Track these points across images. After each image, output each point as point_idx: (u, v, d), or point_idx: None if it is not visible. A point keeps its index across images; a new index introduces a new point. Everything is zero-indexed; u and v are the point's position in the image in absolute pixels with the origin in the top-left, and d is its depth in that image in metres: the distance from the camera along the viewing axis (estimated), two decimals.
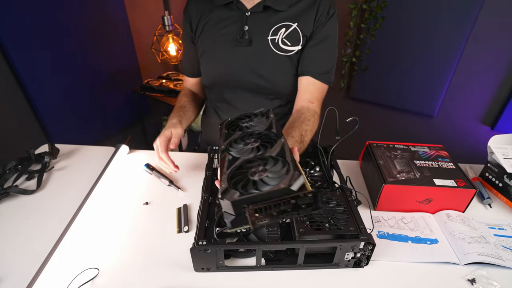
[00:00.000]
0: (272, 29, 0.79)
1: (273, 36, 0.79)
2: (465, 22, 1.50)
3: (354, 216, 0.60)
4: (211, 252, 0.55)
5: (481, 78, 1.60)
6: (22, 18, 1.35)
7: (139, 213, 0.73)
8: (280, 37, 0.79)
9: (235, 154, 0.53)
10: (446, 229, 0.69)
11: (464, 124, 1.76)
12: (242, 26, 0.80)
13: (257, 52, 0.81)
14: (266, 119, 0.62)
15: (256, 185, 0.44)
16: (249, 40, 0.80)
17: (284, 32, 0.78)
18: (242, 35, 0.80)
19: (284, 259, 0.60)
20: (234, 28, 0.81)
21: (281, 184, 0.42)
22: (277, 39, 0.79)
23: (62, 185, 0.82)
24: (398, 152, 0.82)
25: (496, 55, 1.52)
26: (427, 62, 1.68)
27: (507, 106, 1.55)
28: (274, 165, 0.47)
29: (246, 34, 0.80)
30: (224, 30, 0.82)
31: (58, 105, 1.61)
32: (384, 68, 1.82)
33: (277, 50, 0.80)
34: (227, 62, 0.84)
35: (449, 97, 1.73)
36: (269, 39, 0.79)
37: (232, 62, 0.84)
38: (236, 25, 0.81)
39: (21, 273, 0.58)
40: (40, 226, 0.69)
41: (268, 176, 0.45)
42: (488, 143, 0.84)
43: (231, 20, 0.81)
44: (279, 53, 0.80)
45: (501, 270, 0.61)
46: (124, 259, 0.62)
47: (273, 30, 0.79)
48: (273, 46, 0.80)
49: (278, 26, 0.79)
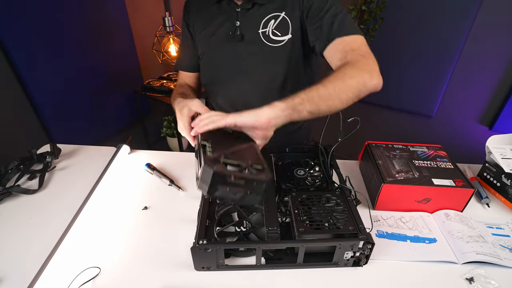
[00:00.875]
0: (262, 22, 0.80)
1: (264, 29, 0.80)
2: (463, 23, 1.51)
3: (353, 215, 0.60)
4: (211, 251, 0.55)
5: (479, 78, 1.61)
6: (23, 19, 1.36)
7: (140, 213, 0.73)
8: (270, 29, 0.79)
9: None
10: (445, 229, 0.69)
11: (462, 124, 1.77)
12: (234, 22, 0.81)
13: (249, 46, 0.82)
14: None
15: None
16: (241, 36, 0.81)
17: (274, 23, 0.79)
18: (234, 31, 0.81)
19: (284, 258, 0.61)
20: (227, 25, 0.82)
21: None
22: (267, 31, 0.80)
23: (64, 184, 0.83)
24: (397, 152, 0.83)
25: (495, 56, 1.52)
26: (426, 63, 1.69)
27: (505, 107, 1.55)
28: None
29: (238, 29, 0.81)
30: (218, 27, 0.83)
31: (59, 105, 1.61)
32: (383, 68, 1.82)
33: (268, 42, 0.80)
34: (223, 59, 0.85)
35: (448, 97, 1.73)
36: (260, 32, 0.80)
37: (227, 59, 0.85)
38: (228, 21, 0.82)
39: (23, 272, 0.58)
40: (42, 225, 0.70)
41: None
42: (486, 143, 0.84)
43: (223, 17, 0.82)
44: (270, 45, 0.81)
45: (499, 269, 0.61)
46: (125, 258, 0.62)
47: (263, 23, 0.80)
48: (264, 39, 0.80)
49: (267, 18, 0.79)
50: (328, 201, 0.64)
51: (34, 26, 1.41)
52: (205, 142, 0.55)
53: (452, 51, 1.59)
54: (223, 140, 0.60)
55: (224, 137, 0.61)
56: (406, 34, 1.67)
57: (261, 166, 0.52)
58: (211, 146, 0.54)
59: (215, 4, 0.83)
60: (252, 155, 0.56)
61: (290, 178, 0.73)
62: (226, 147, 0.55)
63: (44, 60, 1.49)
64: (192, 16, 0.87)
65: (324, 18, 0.72)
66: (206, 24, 0.85)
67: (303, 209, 0.61)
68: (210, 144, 0.54)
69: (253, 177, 0.49)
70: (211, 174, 0.46)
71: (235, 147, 0.57)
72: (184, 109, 0.67)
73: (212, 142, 0.55)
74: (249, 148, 0.59)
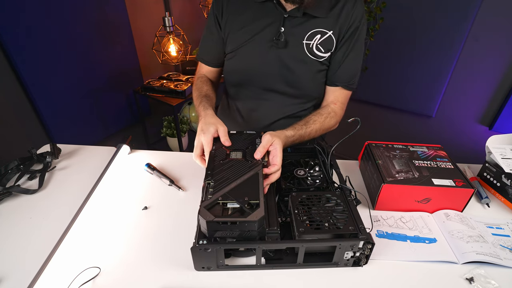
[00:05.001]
0: (307, 34, 0.78)
1: (308, 41, 0.78)
2: (463, 23, 1.51)
3: (353, 215, 0.60)
4: (211, 251, 0.55)
5: (479, 78, 1.61)
6: (23, 19, 1.36)
7: (140, 213, 0.73)
8: (315, 43, 0.78)
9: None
10: (445, 229, 0.69)
11: (462, 124, 1.77)
12: (278, 27, 0.78)
13: (292, 54, 0.80)
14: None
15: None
16: (285, 42, 0.78)
17: (320, 38, 0.78)
18: (278, 36, 0.78)
19: (284, 258, 0.61)
20: (270, 29, 0.79)
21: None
22: (311, 44, 0.78)
23: (64, 184, 0.83)
24: (397, 152, 0.83)
25: (494, 56, 1.52)
26: (426, 63, 1.69)
27: (505, 106, 1.56)
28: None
29: (283, 36, 0.78)
30: (260, 29, 0.80)
31: (59, 105, 1.61)
32: (383, 68, 1.83)
33: (311, 55, 0.80)
34: (261, 63, 0.82)
35: (448, 97, 1.73)
36: (304, 43, 0.78)
37: (266, 63, 0.82)
38: (272, 25, 0.79)
39: (23, 272, 0.58)
40: (42, 225, 0.70)
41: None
42: (486, 143, 0.84)
43: (268, 20, 0.79)
44: (312, 58, 0.80)
45: (499, 269, 0.61)
46: (125, 258, 0.62)
47: (309, 35, 0.78)
48: (307, 51, 0.79)
49: (313, 32, 0.78)
50: (328, 201, 0.64)
51: (34, 26, 1.41)
52: (209, 180, 0.61)
53: (452, 51, 1.59)
54: (229, 169, 0.65)
55: (230, 166, 0.66)
56: (406, 34, 1.67)
57: (257, 201, 0.56)
58: (213, 185, 0.60)
59: (258, 3, 0.79)
60: (253, 186, 0.60)
61: (290, 178, 0.73)
62: (228, 182, 0.61)
63: (44, 60, 1.49)
64: (226, 10, 0.82)
65: (348, 58, 0.82)
66: (244, 23, 0.81)
67: (303, 209, 0.61)
68: (213, 182, 0.61)
69: (244, 220, 0.53)
70: (205, 223, 0.53)
71: (238, 180, 0.61)
72: (211, 128, 0.70)
73: (216, 179, 0.62)
74: (252, 178, 0.62)
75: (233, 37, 0.83)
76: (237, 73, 0.89)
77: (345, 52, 0.81)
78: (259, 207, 0.55)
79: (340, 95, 0.88)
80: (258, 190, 0.59)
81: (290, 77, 0.83)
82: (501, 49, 1.49)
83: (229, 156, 0.69)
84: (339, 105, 0.88)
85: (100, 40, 1.75)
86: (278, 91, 0.87)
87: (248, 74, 0.86)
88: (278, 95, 0.87)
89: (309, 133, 0.79)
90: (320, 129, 0.82)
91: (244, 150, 0.71)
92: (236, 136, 0.77)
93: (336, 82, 0.85)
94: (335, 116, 0.86)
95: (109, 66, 1.85)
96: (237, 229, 0.54)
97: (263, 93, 0.88)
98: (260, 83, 0.86)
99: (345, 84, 0.86)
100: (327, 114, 0.84)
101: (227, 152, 0.69)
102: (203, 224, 0.54)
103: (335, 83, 0.86)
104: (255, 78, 0.86)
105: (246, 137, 0.76)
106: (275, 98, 0.88)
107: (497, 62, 1.53)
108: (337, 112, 0.87)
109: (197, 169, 0.88)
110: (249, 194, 0.58)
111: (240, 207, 0.56)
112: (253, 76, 0.86)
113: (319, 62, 0.81)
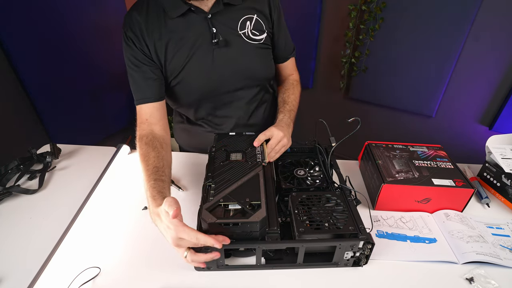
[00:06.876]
0: (238, 24, 0.79)
1: (242, 30, 0.80)
2: (463, 23, 1.51)
3: (353, 215, 0.60)
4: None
5: (479, 78, 1.61)
6: (24, 19, 1.36)
7: (140, 213, 0.73)
8: (248, 30, 0.80)
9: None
10: (445, 229, 0.69)
11: (462, 124, 1.77)
12: (209, 30, 0.76)
13: (237, 48, 0.80)
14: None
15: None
16: (224, 41, 0.78)
17: (250, 24, 0.80)
18: (215, 37, 0.76)
19: (284, 258, 0.61)
20: (203, 36, 0.76)
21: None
22: (246, 32, 0.80)
23: (63, 184, 0.83)
24: (397, 152, 0.83)
25: (495, 56, 1.52)
26: (426, 63, 1.69)
27: (505, 106, 1.55)
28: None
29: (219, 35, 0.77)
30: (194, 40, 0.76)
31: (59, 105, 1.61)
32: (383, 68, 1.83)
33: (251, 41, 0.81)
34: (213, 70, 0.79)
35: (448, 97, 1.73)
36: (241, 33, 0.80)
37: (218, 67, 0.79)
38: (203, 32, 0.76)
39: (23, 272, 0.58)
40: (41, 225, 0.70)
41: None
42: (486, 143, 0.84)
43: (196, 29, 0.76)
44: (254, 43, 0.82)
45: (499, 269, 0.61)
46: (125, 258, 0.62)
47: (240, 24, 0.79)
48: (247, 39, 0.80)
49: (242, 20, 0.79)
50: (328, 201, 0.64)
51: (34, 26, 1.41)
52: (210, 182, 0.62)
53: (452, 51, 1.59)
54: (229, 170, 0.66)
55: (231, 168, 0.67)
56: (406, 33, 1.67)
57: (259, 201, 0.57)
58: (214, 187, 0.61)
59: (178, 18, 0.74)
60: (254, 187, 0.61)
61: (290, 178, 0.73)
62: (229, 183, 0.62)
63: (44, 60, 1.49)
64: (149, 41, 0.75)
65: (284, 32, 0.89)
66: (176, 43, 0.75)
67: (303, 209, 0.61)
68: (213, 184, 0.62)
69: (245, 221, 0.53)
70: (207, 225, 0.53)
71: (238, 181, 0.62)
72: (162, 216, 0.56)
73: (216, 181, 0.62)
74: (252, 179, 0.63)
75: (173, 61, 0.77)
76: (193, 92, 0.83)
77: (279, 26, 0.86)
78: (261, 208, 0.55)
79: (292, 65, 0.98)
80: (259, 190, 0.59)
81: (245, 70, 0.83)
82: (501, 49, 1.49)
83: (229, 158, 0.69)
84: (295, 73, 0.99)
85: (100, 40, 1.74)
86: (240, 88, 0.86)
87: (206, 87, 0.82)
88: (241, 91, 0.87)
89: (293, 107, 0.90)
90: (296, 98, 0.93)
91: (243, 152, 0.71)
92: (236, 137, 0.77)
93: (287, 56, 0.94)
94: (298, 82, 0.98)
95: (109, 65, 1.85)
96: (238, 231, 0.54)
97: (227, 96, 0.86)
98: (220, 89, 0.84)
99: (292, 53, 0.95)
100: (291, 84, 0.96)
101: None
102: (205, 226, 0.54)
103: (287, 57, 0.94)
104: (213, 87, 0.83)
105: (245, 139, 0.76)
106: (240, 95, 0.88)
107: (497, 62, 1.52)
108: (297, 79, 0.99)
109: (197, 169, 0.88)
110: (250, 195, 0.58)
111: (242, 208, 0.56)
112: (211, 86, 0.82)
113: (261, 44, 0.83)
